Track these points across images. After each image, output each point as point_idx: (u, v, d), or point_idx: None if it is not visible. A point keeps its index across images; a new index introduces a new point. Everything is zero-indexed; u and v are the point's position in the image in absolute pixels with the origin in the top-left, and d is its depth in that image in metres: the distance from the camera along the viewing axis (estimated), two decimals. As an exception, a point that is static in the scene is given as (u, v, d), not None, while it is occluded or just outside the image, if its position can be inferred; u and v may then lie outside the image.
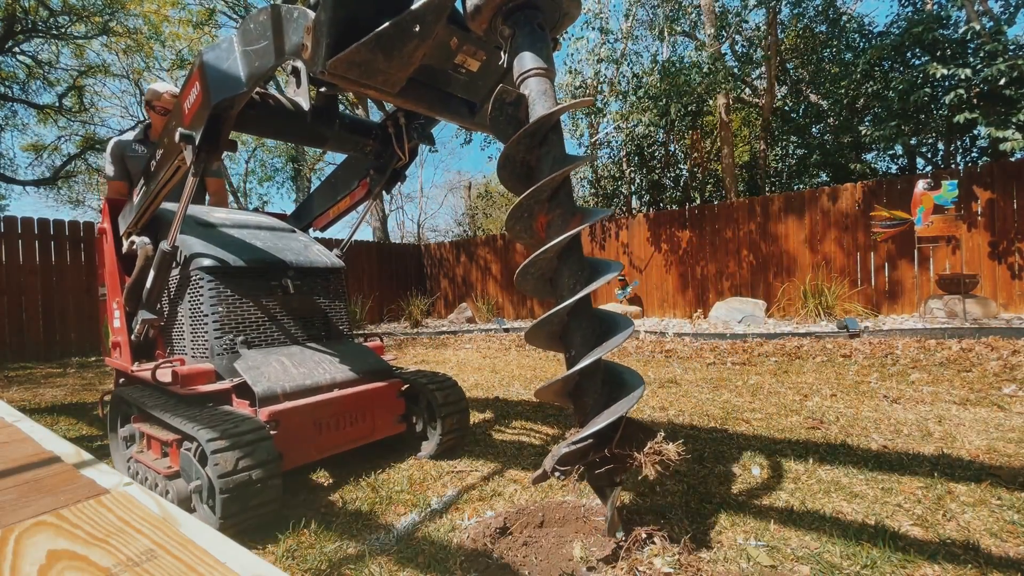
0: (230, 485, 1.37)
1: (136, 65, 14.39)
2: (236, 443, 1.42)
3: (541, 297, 1.23)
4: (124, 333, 2.10)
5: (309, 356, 1.97)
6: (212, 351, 1.85)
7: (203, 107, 1.50)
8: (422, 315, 9.94)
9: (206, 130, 1.52)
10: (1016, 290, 5.95)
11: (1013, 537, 1.27)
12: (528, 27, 1.15)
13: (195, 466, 1.49)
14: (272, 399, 1.70)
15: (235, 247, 2.05)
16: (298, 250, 2.24)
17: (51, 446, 1.28)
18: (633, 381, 1.14)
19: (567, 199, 1.14)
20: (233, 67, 1.45)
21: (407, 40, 1.15)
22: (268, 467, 1.45)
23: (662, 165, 11.90)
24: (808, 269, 7.23)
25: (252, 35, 1.42)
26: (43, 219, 6.89)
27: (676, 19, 10.37)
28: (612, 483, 1.16)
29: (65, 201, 18.44)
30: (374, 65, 1.18)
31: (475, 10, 1.14)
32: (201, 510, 1.51)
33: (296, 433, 1.69)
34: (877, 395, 2.80)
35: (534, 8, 1.16)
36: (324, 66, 1.16)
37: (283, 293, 2.08)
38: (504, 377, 4.00)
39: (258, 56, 1.40)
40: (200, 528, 0.81)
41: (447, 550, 1.31)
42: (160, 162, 1.79)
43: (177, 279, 2.00)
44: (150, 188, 1.91)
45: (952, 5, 7.32)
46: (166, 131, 1.75)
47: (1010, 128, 6.24)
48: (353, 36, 1.14)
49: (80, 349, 7.02)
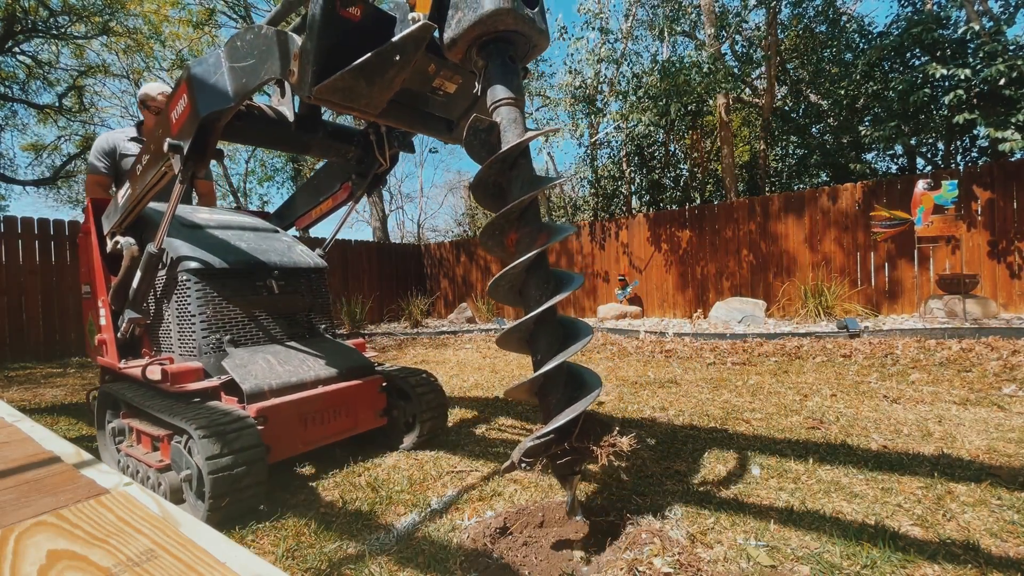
0: (217, 467, 1.43)
1: (136, 65, 14.39)
2: (221, 430, 1.50)
3: (512, 306, 1.34)
4: (110, 331, 2.14)
5: (294, 354, 2.03)
6: (200, 350, 1.89)
7: (191, 119, 1.55)
8: (422, 315, 9.94)
9: (194, 141, 1.57)
10: (1016, 290, 5.95)
11: (1013, 537, 1.27)
12: (500, 59, 1.24)
13: (185, 457, 1.55)
14: (259, 396, 1.77)
15: (220, 249, 2.10)
16: (282, 251, 2.30)
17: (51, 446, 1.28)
18: (592, 381, 1.25)
19: (535, 218, 1.25)
20: (220, 82, 1.50)
21: (388, 68, 1.23)
22: (252, 451, 1.52)
23: (662, 165, 11.91)
24: (808, 269, 7.23)
25: (240, 53, 1.46)
26: (43, 219, 6.89)
27: (676, 19, 10.36)
28: (573, 472, 1.28)
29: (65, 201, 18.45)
30: (357, 90, 1.26)
31: (451, 43, 1.24)
32: (190, 499, 1.56)
33: (283, 428, 1.76)
34: (877, 395, 2.80)
35: (506, 42, 1.25)
36: (310, 92, 1.25)
37: (268, 293, 2.14)
38: (504, 377, 4.00)
39: (245, 74, 1.44)
40: (200, 528, 0.81)
41: (447, 550, 1.31)
42: (147, 166, 1.82)
43: (164, 280, 2.04)
44: (136, 191, 1.93)
45: (952, 5, 7.32)
46: (152, 138, 1.77)
47: (1010, 128, 6.24)
48: (337, 62, 1.23)
49: (80, 349, 7.02)
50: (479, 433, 2.45)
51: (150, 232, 2.11)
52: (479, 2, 1.16)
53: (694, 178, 11.71)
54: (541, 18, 1.25)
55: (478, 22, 1.17)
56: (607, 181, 12.35)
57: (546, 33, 1.28)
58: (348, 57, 1.23)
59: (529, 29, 1.22)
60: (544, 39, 1.28)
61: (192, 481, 1.53)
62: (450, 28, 1.22)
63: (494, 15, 1.15)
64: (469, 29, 1.19)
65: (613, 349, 5.32)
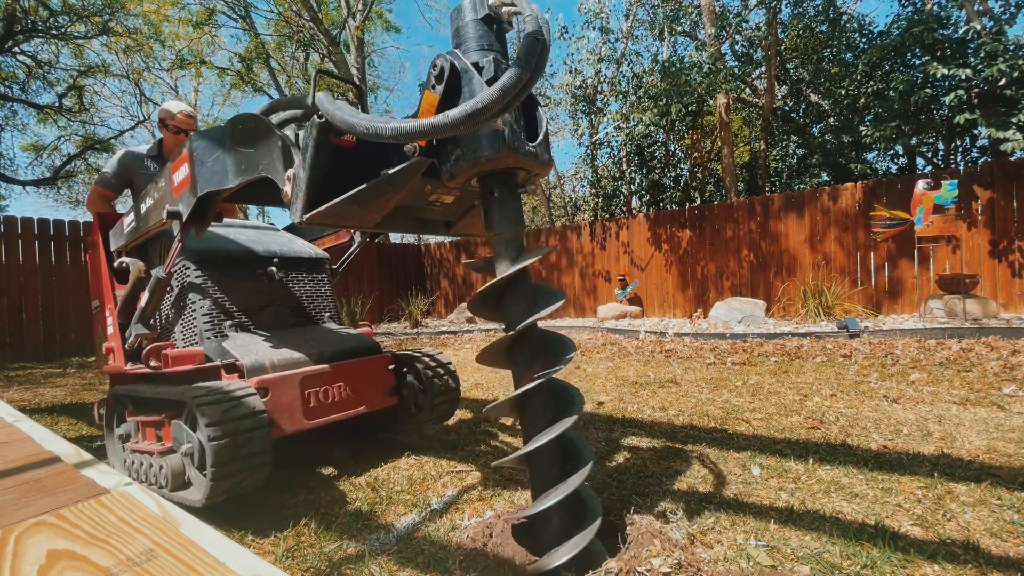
0: (218, 433, 1.40)
1: (136, 65, 14.40)
2: (222, 398, 1.48)
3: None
4: (117, 339, 2.14)
5: (297, 336, 2.02)
6: (201, 336, 1.89)
7: (191, 192, 1.54)
8: (422, 315, 9.94)
9: (193, 211, 1.57)
10: (1016, 290, 5.95)
11: (1013, 537, 1.27)
12: (499, 190, 1.21)
13: (185, 431, 1.54)
14: (260, 370, 1.75)
15: (221, 238, 2.11)
16: (282, 242, 2.31)
17: (51, 446, 1.28)
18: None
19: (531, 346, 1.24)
20: (222, 160, 1.48)
21: (381, 196, 1.22)
22: (254, 418, 1.49)
23: (662, 165, 11.90)
24: (808, 269, 7.23)
25: (240, 137, 1.45)
26: (43, 219, 6.90)
27: (676, 19, 10.36)
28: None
29: (65, 201, 18.46)
30: (350, 213, 1.26)
31: (449, 175, 1.19)
32: (193, 475, 1.54)
33: (285, 402, 1.72)
34: (877, 395, 2.80)
35: (506, 174, 1.22)
36: (302, 218, 1.24)
37: (269, 280, 2.13)
38: (504, 377, 3.99)
39: (245, 160, 1.43)
40: (200, 528, 0.81)
41: (447, 550, 1.31)
42: (151, 210, 1.83)
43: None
44: (139, 227, 1.94)
45: (952, 5, 7.31)
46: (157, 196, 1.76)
47: (1011, 128, 6.24)
48: (331, 187, 1.23)
49: (80, 349, 7.02)
50: (479, 433, 2.45)
51: (154, 248, 2.14)
52: (478, 142, 1.10)
53: (694, 178, 11.71)
54: (544, 148, 1.21)
55: (476, 164, 1.12)
56: (607, 181, 12.35)
57: (549, 162, 1.23)
58: (341, 179, 1.22)
59: (529, 163, 1.18)
60: (546, 168, 1.24)
61: (194, 455, 1.51)
62: (448, 162, 1.17)
63: (493, 158, 1.11)
64: (468, 169, 1.14)
65: (613, 349, 5.32)
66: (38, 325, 6.74)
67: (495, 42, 1.18)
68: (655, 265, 8.72)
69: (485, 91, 0.91)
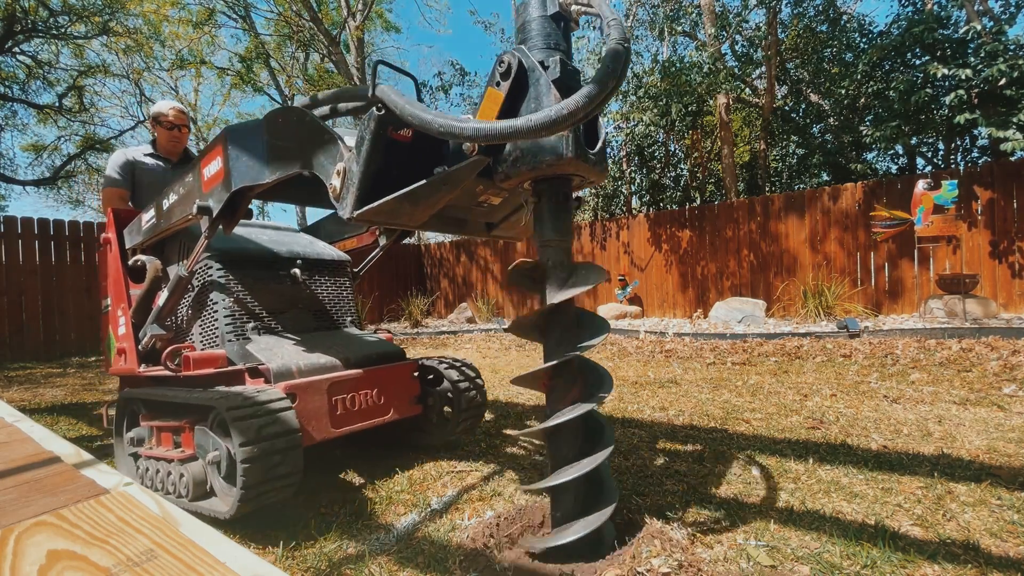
0: (254, 453, 1.33)
1: (136, 65, 14.40)
2: (257, 411, 1.39)
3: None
4: (130, 339, 2.05)
5: (321, 340, 1.96)
6: (222, 338, 1.82)
7: (223, 187, 1.51)
8: (422, 315, 9.94)
9: (224, 206, 1.53)
10: (1016, 290, 5.95)
11: (1013, 537, 1.27)
12: (554, 198, 1.19)
13: (212, 438, 1.47)
14: (287, 375, 1.68)
15: (243, 238, 2.06)
16: (304, 244, 2.26)
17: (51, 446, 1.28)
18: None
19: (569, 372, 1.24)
20: (258, 155, 1.43)
21: (434, 194, 1.18)
22: (289, 437, 1.43)
23: (662, 165, 11.91)
24: (808, 269, 7.23)
25: (279, 131, 1.38)
26: (43, 219, 6.90)
27: (676, 19, 10.37)
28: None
29: (65, 201, 18.47)
30: (400, 211, 1.21)
31: (504, 177, 1.17)
32: (218, 483, 1.48)
33: (313, 409, 1.66)
34: (877, 395, 2.80)
35: (563, 180, 1.19)
36: (352, 214, 1.19)
37: (292, 283, 2.08)
38: (504, 377, 4.00)
39: (282, 154, 1.37)
40: (200, 528, 0.81)
41: (447, 550, 1.31)
42: (175, 205, 1.78)
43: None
44: (159, 224, 1.88)
45: (952, 5, 7.32)
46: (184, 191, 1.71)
47: (1011, 128, 6.24)
48: (383, 184, 1.18)
49: (80, 349, 7.02)
50: (479, 433, 2.45)
51: (172, 246, 2.07)
52: (539, 145, 1.07)
53: (694, 178, 11.71)
54: (601, 155, 1.18)
55: (536, 168, 1.10)
56: (607, 181, 12.35)
57: (605, 171, 1.20)
58: (394, 175, 1.18)
59: (588, 171, 1.15)
60: (602, 176, 1.21)
61: (220, 464, 1.44)
62: (506, 163, 1.15)
63: (554, 163, 1.08)
64: (527, 172, 1.12)
65: (613, 349, 5.32)
66: (38, 325, 6.74)
67: (562, 41, 1.15)
68: (655, 265, 8.72)
69: (570, 98, 0.88)
